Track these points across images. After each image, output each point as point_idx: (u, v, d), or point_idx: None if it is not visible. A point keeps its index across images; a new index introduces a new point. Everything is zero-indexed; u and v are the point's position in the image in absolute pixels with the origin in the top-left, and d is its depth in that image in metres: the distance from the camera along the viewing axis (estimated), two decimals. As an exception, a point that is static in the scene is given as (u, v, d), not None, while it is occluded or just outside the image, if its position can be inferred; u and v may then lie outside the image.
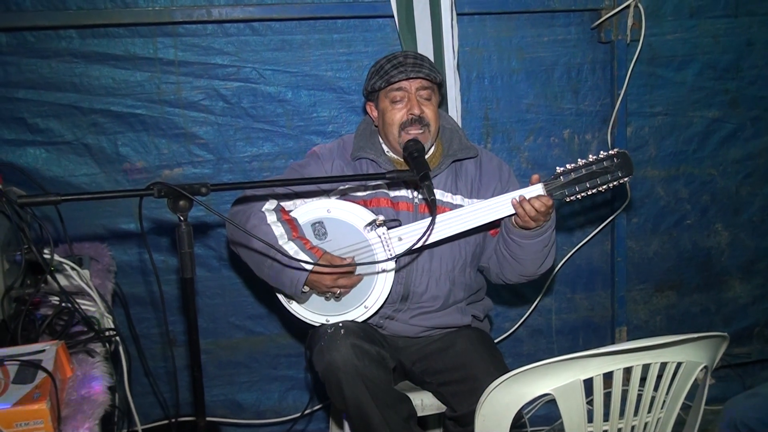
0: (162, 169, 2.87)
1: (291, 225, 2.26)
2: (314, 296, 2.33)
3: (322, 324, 2.32)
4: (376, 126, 2.45)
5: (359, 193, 2.38)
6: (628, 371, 1.76)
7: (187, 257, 1.72)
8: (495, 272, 2.49)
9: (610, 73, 3.15)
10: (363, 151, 2.38)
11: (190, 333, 1.81)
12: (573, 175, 2.25)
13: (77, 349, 1.88)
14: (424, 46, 2.86)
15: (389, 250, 2.29)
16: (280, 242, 2.18)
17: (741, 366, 3.63)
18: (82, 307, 2.06)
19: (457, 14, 2.88)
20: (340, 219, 2.31)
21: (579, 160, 2.27)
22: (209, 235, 2.95)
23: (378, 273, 2.30)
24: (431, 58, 2.86)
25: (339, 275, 2.22)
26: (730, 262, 3.51)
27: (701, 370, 1.85)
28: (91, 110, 2.78)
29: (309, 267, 2.16)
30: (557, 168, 2.28)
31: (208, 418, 3.02)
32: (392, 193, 2.38)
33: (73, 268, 2.17)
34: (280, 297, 2.38)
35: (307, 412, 3.08)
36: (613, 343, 3.40)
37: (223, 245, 2.97)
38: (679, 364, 1.81)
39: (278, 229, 2.21)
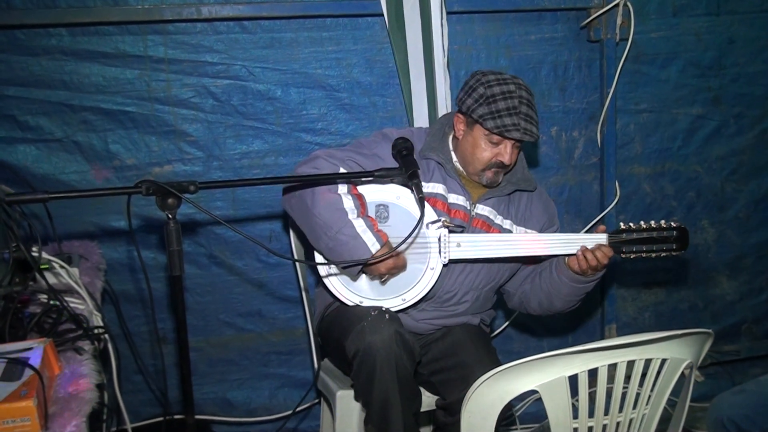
0: (152, 167, 2.87)
1: (360, 201, 2.27)
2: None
3: (357, 305, 2.33)
4: (457, 137, 2.42)
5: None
6: (613, 368, 1.77)
7: (175, 255, 1.73)
8: (520, 300, 2.57)
9: (598, 71, 3.17)
10: (433, 152, 2.38)
11: (179, 331, 1.82)
12: (635, 235, 2.36)
13: (65, 347, 1.88)
14: (414, 45, 2.87)
15: (445, 253, 2.31)
16: (350, 216, 2.19)
17: (730, 363, 3.66)
18: (71, 305, 2.05)
19: (447, 13, 2.89)
20: (406, 209, 2.33)
21: (642, 222, 2.36)
22: (199, 233, 2.96)
23: (426, 270, 2.33)
24: (421, 57, 2.89)
25: (395, 264, 2.24)
26: (717, 258, 3.54)
27: (686, 366, 1.87)
28: (81, 108, 2.77)
29: (373, 251, 2.16)
30: (621, 224, 2.37)
31: (198, 416, 3.02)
32: (450, 199, 2.39)
33: (61, 266, 2.17)
34: (321, 268, 2.37)
35: (299, 409, 3.09)
36: (603, 340, 3.42)
37: (213, 242, 2.97)
38: (663, 361, 1.83)
39: (348, 202, 2.22)
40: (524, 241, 2.37)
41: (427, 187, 2.37)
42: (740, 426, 2.19)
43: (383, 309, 2.28)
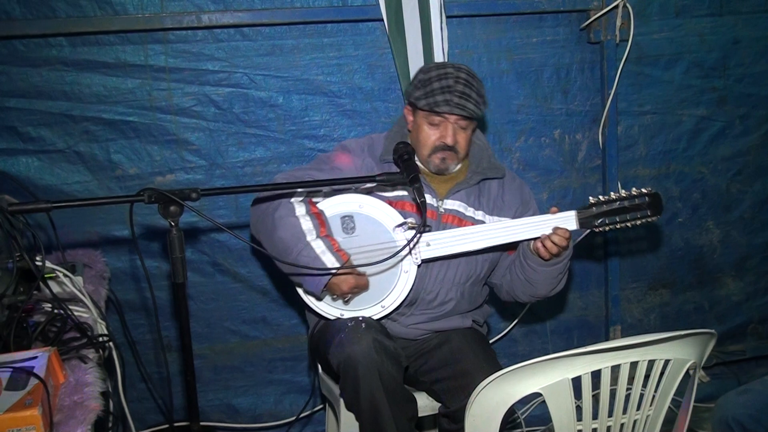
0: (155, 176, 2.88)
1: (319, 219, 2.26)
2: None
3: (338, 318, 2.33)
4: (410, 130, 2.45)
5: (385, 194, 2.38)
6: (616, 369, 1.77)
7: (178, 262, 1.74)
8: (506, 290, 2.54)
9: (599, 73, 3.17)
10: (392, 155, 2.38)
11: (183, 338, 1.82)
12: (605, 207, 2.31)
13: (70, 356, 1.89)
14: (414, 49, 2.87)
15: (416, 254, 2.31)
16: (308, 238, 2.19)
17: (736, 363, 3.65)
18: (76, 313, 2.07)
19: (446, 17, 2.89)
20: (370, 216, 2.33)
21: (612, 193, 2.33)
22: (202, 240, 2.96)
23: (399, 274, 2.32)
24: (421, 60, 2.87)
25: (357, 283, 2.24)
26: (722, 259, 3.53)
27: (690, 367, 1.86)
28: (83, 118, 2.78)
29: (333, 271, 2.17)
30: (590, 198, 2.33)
31: (204, 423, 3.03)
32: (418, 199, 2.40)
33: (65, 275, 2.18)
34: (299, 290, 2.38)
35: (303, 415, 3.09)
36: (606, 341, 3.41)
37: (217, 250, 2.97)
38: (667, 362, 1.82)
39: (306, 224, 2.22)
40: (492, 230, 2.34)
41: (393, 192, 2.38)
42: (745, 426, 2.18)
43: (360, 319, 2.27)
